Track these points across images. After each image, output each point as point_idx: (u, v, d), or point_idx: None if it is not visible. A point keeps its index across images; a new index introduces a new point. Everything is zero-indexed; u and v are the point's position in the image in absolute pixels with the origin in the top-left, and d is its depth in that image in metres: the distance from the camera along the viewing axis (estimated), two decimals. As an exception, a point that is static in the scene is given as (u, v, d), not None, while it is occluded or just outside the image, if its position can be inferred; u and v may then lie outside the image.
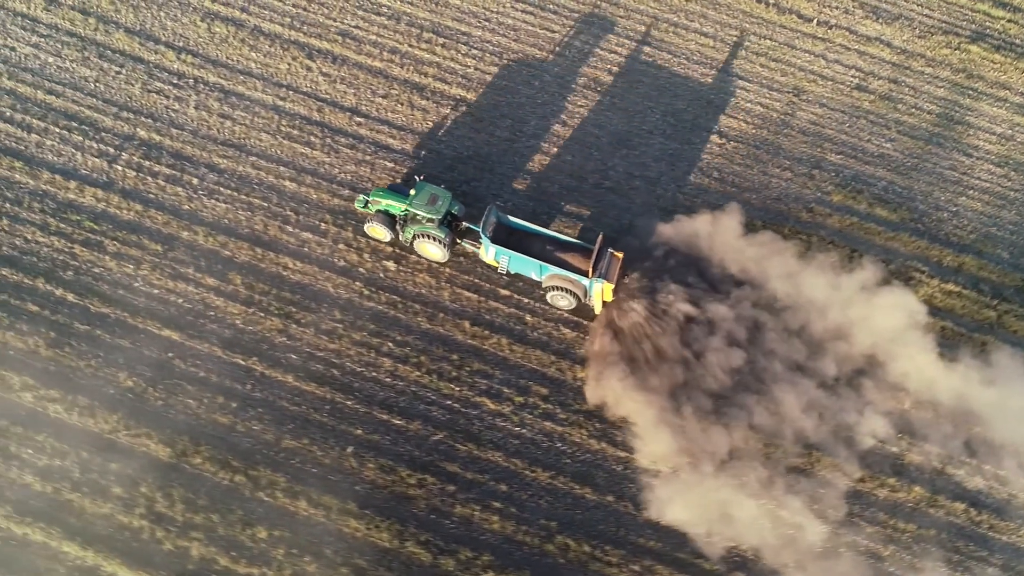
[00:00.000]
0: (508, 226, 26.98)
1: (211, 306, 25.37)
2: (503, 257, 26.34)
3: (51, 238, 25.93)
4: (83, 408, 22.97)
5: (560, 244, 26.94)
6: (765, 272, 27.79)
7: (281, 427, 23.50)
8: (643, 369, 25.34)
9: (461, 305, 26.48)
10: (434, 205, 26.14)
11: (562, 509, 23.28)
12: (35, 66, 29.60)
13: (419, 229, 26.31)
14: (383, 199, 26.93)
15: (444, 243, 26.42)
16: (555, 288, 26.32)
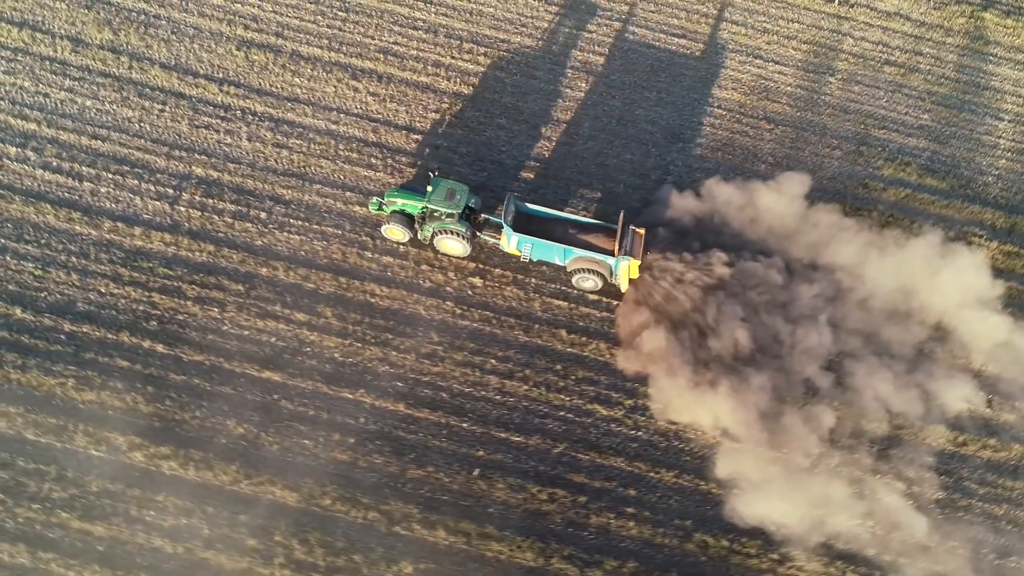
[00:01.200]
0: (527, 213, 26.86)
1: (306, 342, 24.64)
2: (526, 245, 26.10)
3: (126, 288, 24.84)
4: (198, 462, 22.09)
5: (581, 226, 26.91)
6: (839, 249, 28.37)
7: (402, 458, 22.96)
8: (738, 373, 25.31)
9: (553, 314, 26.23)
10: (452, 200, 25.81)
11: (693, 507, 23.27)
12: (73, 111, 28.31)
13: (439, 225, 25.94)
14: (399, 199, 26.42)
15: (465, 237, 26.12)
16: (580, 270, 26.20)
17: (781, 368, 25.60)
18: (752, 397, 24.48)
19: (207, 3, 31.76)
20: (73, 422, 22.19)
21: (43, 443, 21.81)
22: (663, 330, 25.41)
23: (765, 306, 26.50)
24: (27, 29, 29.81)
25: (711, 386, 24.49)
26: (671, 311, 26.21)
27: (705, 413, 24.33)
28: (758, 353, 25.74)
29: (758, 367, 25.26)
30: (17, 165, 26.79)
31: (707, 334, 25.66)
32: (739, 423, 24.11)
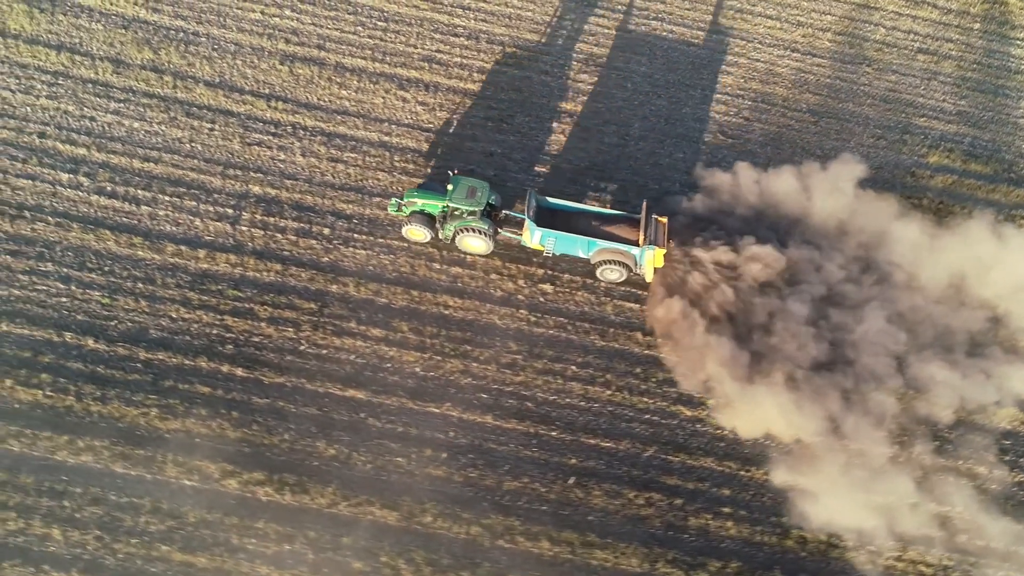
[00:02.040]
0: (549, 208, 26.78)
1: (385, 357, 24.28)
2: (550, 239, 25.95)
3: (197, 313, 24.33)
4: (293, 485, 21.63)
5: (602, 218, 26.91)
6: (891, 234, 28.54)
7: (497, 470, 22.70)
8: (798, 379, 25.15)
9: (626, 317, 26.08)
10: (474, 197, 25.70)
11: (786, 503, 23.36)
12: (122, 134, 27.66)
13: (460, 224, 25.76)
14: (419, 199, 26.17)
15: (488, 235, 25.97)
16: (604, 262, 26.12)
17: (846, 364, 25.75)
18: (820, 400, 24.46)
19: (245, 18, 31.28)
20: (161, 452, 21.70)
21: (133, 475, 21.30)
22: (724, 336, 25.10)
23: (828, 300, 26.73)
24: (65, 52, 29.13)
25: (776, 392, 24.22)
26: (728, 311, 26.29)
27: (773, 421, 24.14)
28: (823, 350, 25.86)
29: (825, 367, 25.31)
30: (71, 191, 26.17)
31: (769, 336, 25.65)
32: (808, 428, 23.99)
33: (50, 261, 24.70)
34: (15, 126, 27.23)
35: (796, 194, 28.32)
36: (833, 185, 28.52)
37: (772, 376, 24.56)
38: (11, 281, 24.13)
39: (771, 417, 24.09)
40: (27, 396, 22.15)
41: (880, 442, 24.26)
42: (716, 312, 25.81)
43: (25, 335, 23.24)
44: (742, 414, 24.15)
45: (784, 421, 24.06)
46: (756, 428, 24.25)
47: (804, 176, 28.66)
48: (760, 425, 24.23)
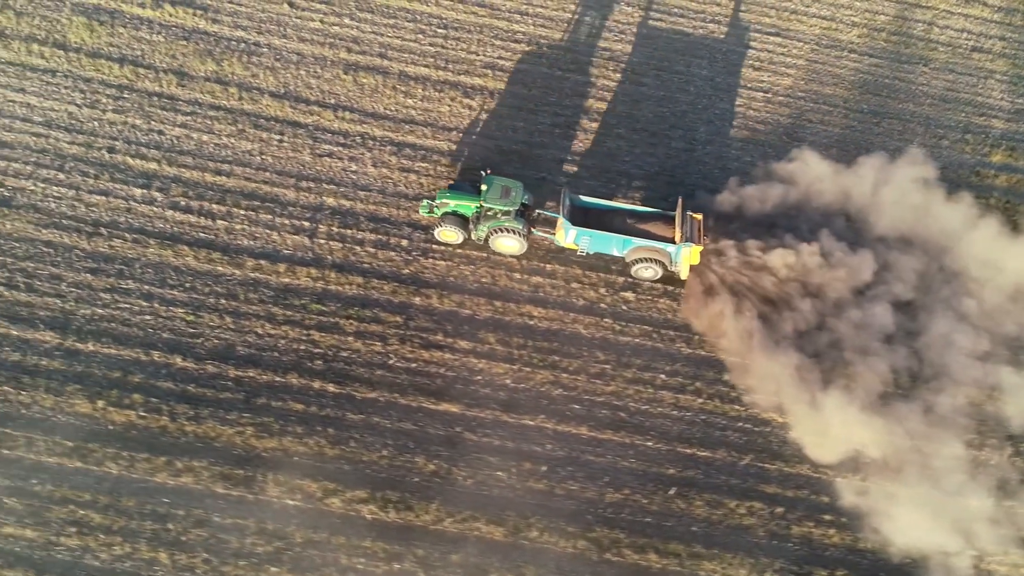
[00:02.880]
0: (582, 206, 26.55)
1: (475, 370, 24.00)
2: (584, 238, 25.69)
3: (283, 328, 23.98)
4: (396, 503, 21.30)
5: (637, 215, 26.73)
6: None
7: (597, 482, 22.46)
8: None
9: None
10: (508, 197, 25.42)
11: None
12: (191, 147, 27.29)
13: (494, 224, 25.50)
14: (452, 200, 25.87)
15: (522, 235, 25.73)
16: (639, 260, 25.91)
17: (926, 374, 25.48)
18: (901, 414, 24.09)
19: (305, 28, 30.91)
20: (261, 472, 21.37)
21: (235, 496, 20.96)
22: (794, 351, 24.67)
23: (906, 305, 26.52)
24: (128, 64, 28.69)
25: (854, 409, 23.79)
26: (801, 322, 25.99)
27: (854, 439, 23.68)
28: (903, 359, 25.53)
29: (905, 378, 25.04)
30: (145, 207, 25.78)
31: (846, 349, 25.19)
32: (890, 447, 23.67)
33: (130, 278, 24.37)
34: (84, 141, 26.87)
35: (869, 192, 28.35)
36: (905, 184, 28.58)
37: (849, 391, 24.09)
38: (93, 300, 23.79)
39: (852, 436, 23.48)
40: (121, 417, 21.82)
41: (957, 448, 24.23)
42: (786, 323, 25.42)
43: (113, 355, 22.92)
44: (820, 436, 23.53)
45: (866, 438, 23.52)
46: (836, 450, 23.48)
47: (875, 174, 28.67)
48: (840, 446, 23.42)
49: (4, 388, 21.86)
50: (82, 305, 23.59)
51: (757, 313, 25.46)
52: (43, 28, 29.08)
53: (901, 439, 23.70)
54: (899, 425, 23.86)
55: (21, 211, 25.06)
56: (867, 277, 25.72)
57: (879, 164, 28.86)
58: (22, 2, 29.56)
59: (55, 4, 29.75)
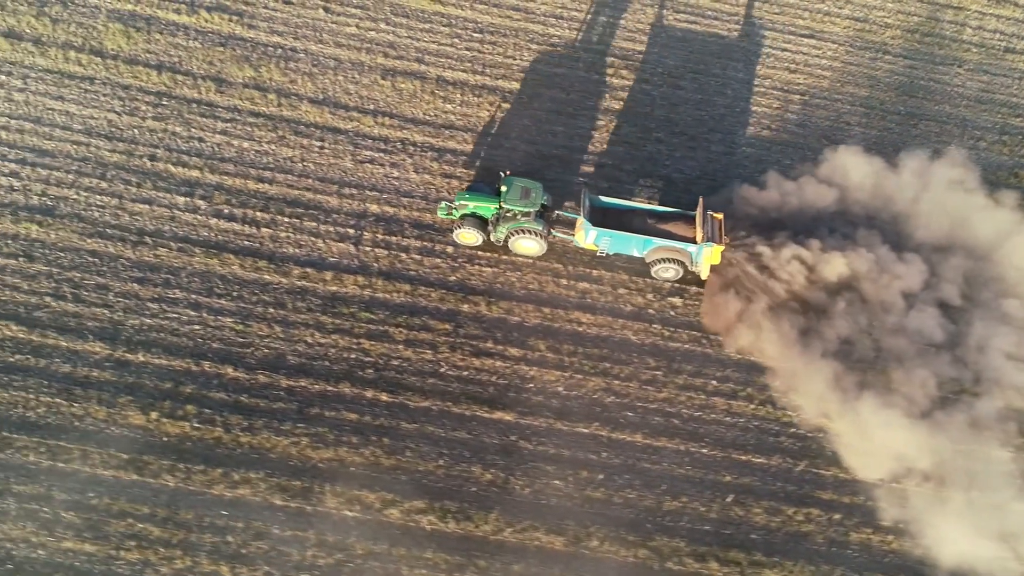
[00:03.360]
0: (602, 207, 26.41)
1: (526, 377, 23.83)
2: (604, 239, 25.52)
3: (332, 337, 23.79)
4: (455, 513, 21.13)
5: (657, 216, 26.56)
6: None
7: (654, 490, 22.28)
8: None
9: (757, 328, 25.97)
10: (528, 198, 25.28)
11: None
12: (232, 154, 27.09)
13: (514, 226, 25.35)
14: (471, 202, 25.72)
15: (542, 236, 25.59)
16: (660, 261, 25.78)
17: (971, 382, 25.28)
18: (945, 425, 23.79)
19: (341, 32, 30.73)
20: (318, 483, 21.18)
21: (293, 508, 20.75)
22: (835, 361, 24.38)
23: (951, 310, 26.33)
24: (166, 71, 28.49)
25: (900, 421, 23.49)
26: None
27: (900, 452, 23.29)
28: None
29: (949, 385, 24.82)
30: (189, 215, 25.58)
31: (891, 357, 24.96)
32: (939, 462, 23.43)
33: (177, 288, 24.18)
34: (124, 149, 26.65)
35: (912, 194, 28.24)
36: (946, 186, 28.48)
37: (891, 400, 23.72)
38: (141, 310, 23.59)
39: (896, 447, 23.03)
40: (175, 429, 21.63)
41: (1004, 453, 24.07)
42: (829, 331, 25.09)
43: (163, 365, 22.71)
44: (864, 451, 23.19)
45: (911, 448, 23.10)
46: (880, 465, 23.13)
47: (918, 175, 28.58)
48: (885, 461, 23.01)
49: (56, 400, 21.67)
50: (130, 315, 23.43)
51: (796, 318, 25.48)
52: (79, 35, 28.89)
53: (946, 447, 23.63)
54: (944, 433, 23.80)
55: (65, 220, 24.89)
56: (918, 283, 25.69)
57: (921, 165, 28.95)
58: (57, 9, 29.39)
59: (91, 11, 29.58)
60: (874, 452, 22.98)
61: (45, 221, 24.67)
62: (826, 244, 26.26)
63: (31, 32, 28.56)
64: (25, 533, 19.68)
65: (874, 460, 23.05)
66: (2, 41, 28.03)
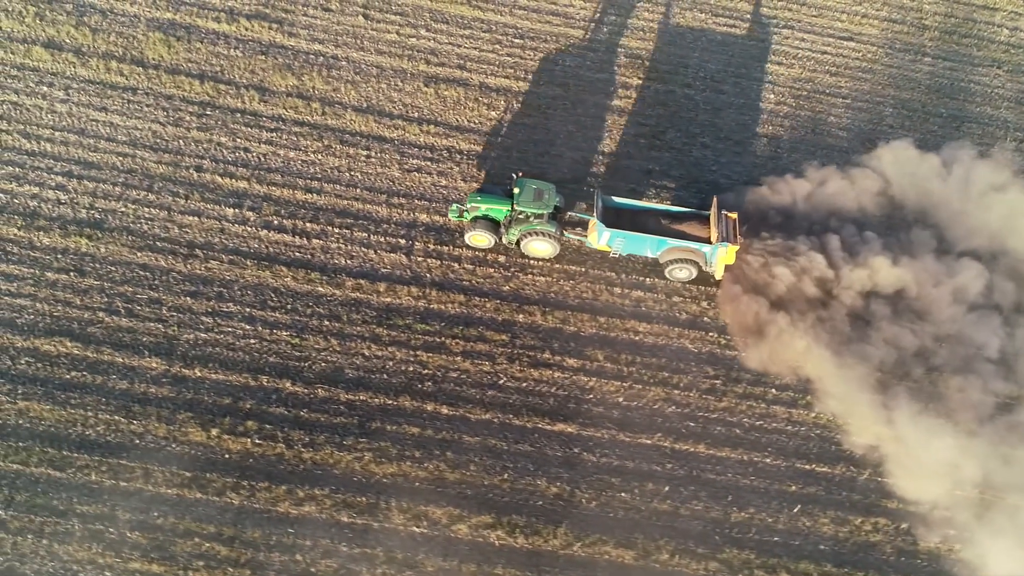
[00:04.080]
0: (615, 208, 26.13)
1: (585, 388, 23.61)
2: (618, 240, 25.22)
3: (389, 349, 23.52)
4: (523, 528, 20.87)
5: (671, 216, 26.32)
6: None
7: (720, 501, 22.06)
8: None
9: (813, 335, 25.76)
10: (542, 200, 24.95)
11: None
12: (279, 165, 26.77)
13: (527, 228, 25.00)
14: (483, 204, 25.39)
15: (555, 238, 25.29)
16: (674, 261, 25.51)
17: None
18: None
19: (382, 40, 30.40)
20: (384, 499, 20.92)
21: (360, 525, 20.49)
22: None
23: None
24: (209, 81, 28.15)
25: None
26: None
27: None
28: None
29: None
30: (238, 227, 25.26)
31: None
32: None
33: (231, 301, 23.88)
34: (171, 160, 26.34)
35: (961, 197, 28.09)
36: (990, 187, 28.33)
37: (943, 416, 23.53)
38: (196, 324, 23.30)
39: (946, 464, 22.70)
40: (237, 446, 21.33)
41: None
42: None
43: (221, 380, 22.44)
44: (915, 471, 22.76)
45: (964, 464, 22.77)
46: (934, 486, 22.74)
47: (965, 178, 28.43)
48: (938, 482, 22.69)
49: (115, 418, 21.39)
50: (185, 330, 23.14)
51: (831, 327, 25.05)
52: (120, 45, 28.53)
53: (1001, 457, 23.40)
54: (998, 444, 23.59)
55: (114, 234, 24.58)
56: (977, 291, 25.51)
57: (968, 168, 28.84)
58: (97, 18, 29.02)
59: (130, 20, 29.24)
60: (927, 474, 22.50)
61: (94, 235, 24.42)
62: (873, 248, 26.21)
63: (71, 42, 28.27)
64: (91, 555, 19.41)
65: (928, 482, 22.55)
66: (43, 52, 27.77)
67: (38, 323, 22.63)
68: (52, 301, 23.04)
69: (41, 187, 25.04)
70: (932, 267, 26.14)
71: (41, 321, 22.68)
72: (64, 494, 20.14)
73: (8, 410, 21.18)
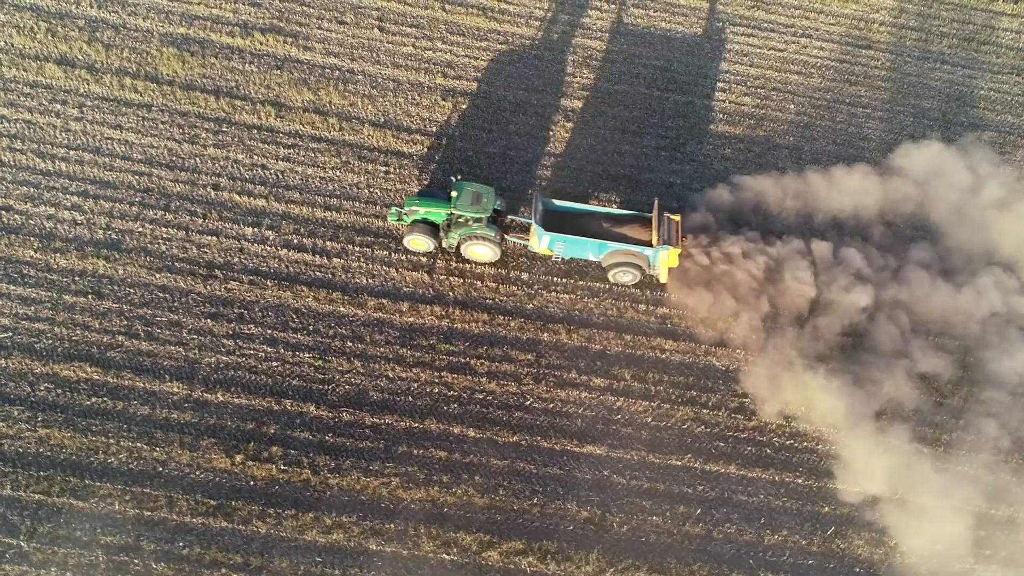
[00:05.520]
0: (556, 211, 25.70)
1: (613, 408, 23.26)
2: (559, 243, 24.81)
3: (413, 371, 23.16)
4: (554, 553, 20.55)
5: (612, 218, 25.92)
6: None
7: (753, 523, 21.74)
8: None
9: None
10: (480, 203, 24.50)
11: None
12: (297, 182, 26.38)
13: (466, 232, 24.62)
14: (421, 207, 24.89)
15: (494, 242, 24.85)
16: (616, 265, 25.12)
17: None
18: None
19: (398, 52, 30.01)
20: (413, 525, 20.56)
21: (389, 552, 20.12)
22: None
23: None
24: (224, 97, 27.72)
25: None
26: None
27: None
28: None
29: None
30: (257, 246, 24.88)
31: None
32: None
33: (252, 322, 23.50)
34: (187, 178, 25.94)
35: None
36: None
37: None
38: (217, 347, 22.92)
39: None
40: (261, 472, 20.93)
41: None
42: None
43: (244, 405, 22.04)
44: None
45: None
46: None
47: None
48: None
49: (137, 445, 21.00)
50: (206, 353, 22.76)
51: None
52: (133, 61, 28.11)
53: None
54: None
55: (132, 254, 24.18)
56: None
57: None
58: (109, 34, 28.61)
59: (143, 35, 28.81)
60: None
61: (112, 256, 24.01)
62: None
63: (84, 58, 27.84)
64: (117, 586, 19.21)
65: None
66: (56, 68, 27.34)
67: (57, 348, 22.32)
68: (70, 325, 22.71)
69: (57, 207, 24.72)
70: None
71: (60, 346, 22.37)
72: (87, 524, 19.77)
73: (28, 438, 20.85)
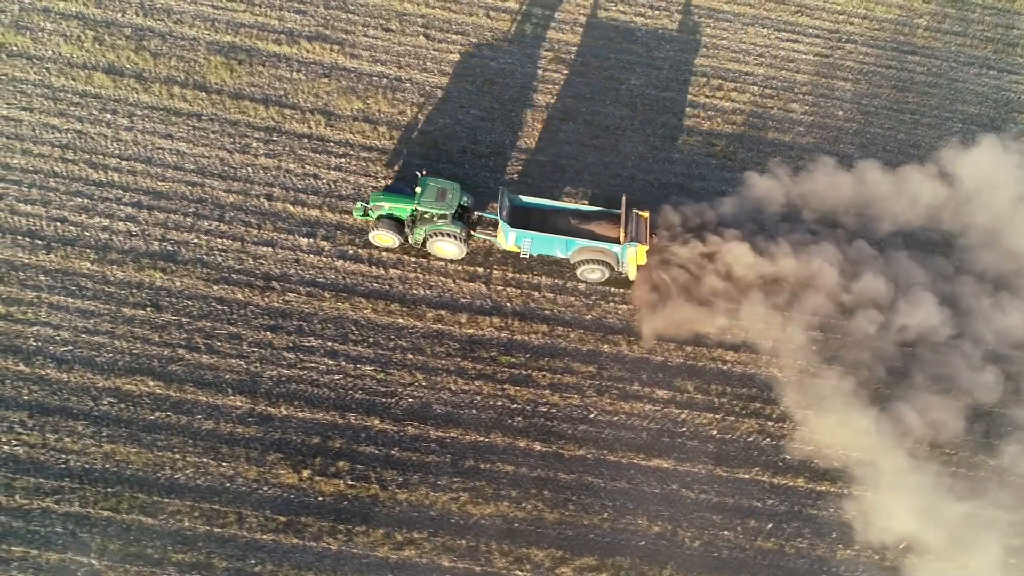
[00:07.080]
0: (523, 207, 25.42)
1: (678, 421, 23.05)
2: (525, 240, 24.47)
3: (476, 383, 22.92)
4: (628, 570, 20.27)
5: (581, 215, 25.58)
6: None
7: (824, 538, 21.44)
8: None
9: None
10: (444, 200, 24.23)
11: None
12: (350, 191, 25.84)
13: (431, 228, 24.28)
14: (386, 202, 24.65)
15: (460, 239, 24.51)
16: (584, 262, 24.81)
17: None
18: None
19: (444, 60, 29.73)
20: (484, 541, 20.34)
21: (462, 569, 19.90)
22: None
23: None
24: (274, 106, 27.49)
25: None
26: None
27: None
28: None
29: None
30: (314, 257, 24.66)
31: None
32: None
33: (311, 335, 23.27)
34: (240, 189, 25.70)
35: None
36: None
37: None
38: (278, 360, 22.68)
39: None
40: (330, 488, 20.70)
41: None
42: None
43: (308, 419, 21.81)
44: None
45: None
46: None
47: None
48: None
49: (203, 460, 20.77)
50: (267, 366, 22.51)
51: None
52: (181, 69, 27.87)
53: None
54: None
55: (188, 266, 23.95)
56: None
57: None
58: (156, 42, 28.36)
59: (190, 43, 28.59)
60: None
61: (168, 267, 23.78)
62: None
63: (132, 67, 27.58)
64: (189, 605, 18.97)
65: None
66: (104, 78, 27.12)
67: (118, 361, 22.08)
68: (130, 338, 22.48)
69: (111, 218, 24.48)
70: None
71: (120, 359, 22.13)
72: (158, 542, 19.53)
73: (94, 453, 20.64)
